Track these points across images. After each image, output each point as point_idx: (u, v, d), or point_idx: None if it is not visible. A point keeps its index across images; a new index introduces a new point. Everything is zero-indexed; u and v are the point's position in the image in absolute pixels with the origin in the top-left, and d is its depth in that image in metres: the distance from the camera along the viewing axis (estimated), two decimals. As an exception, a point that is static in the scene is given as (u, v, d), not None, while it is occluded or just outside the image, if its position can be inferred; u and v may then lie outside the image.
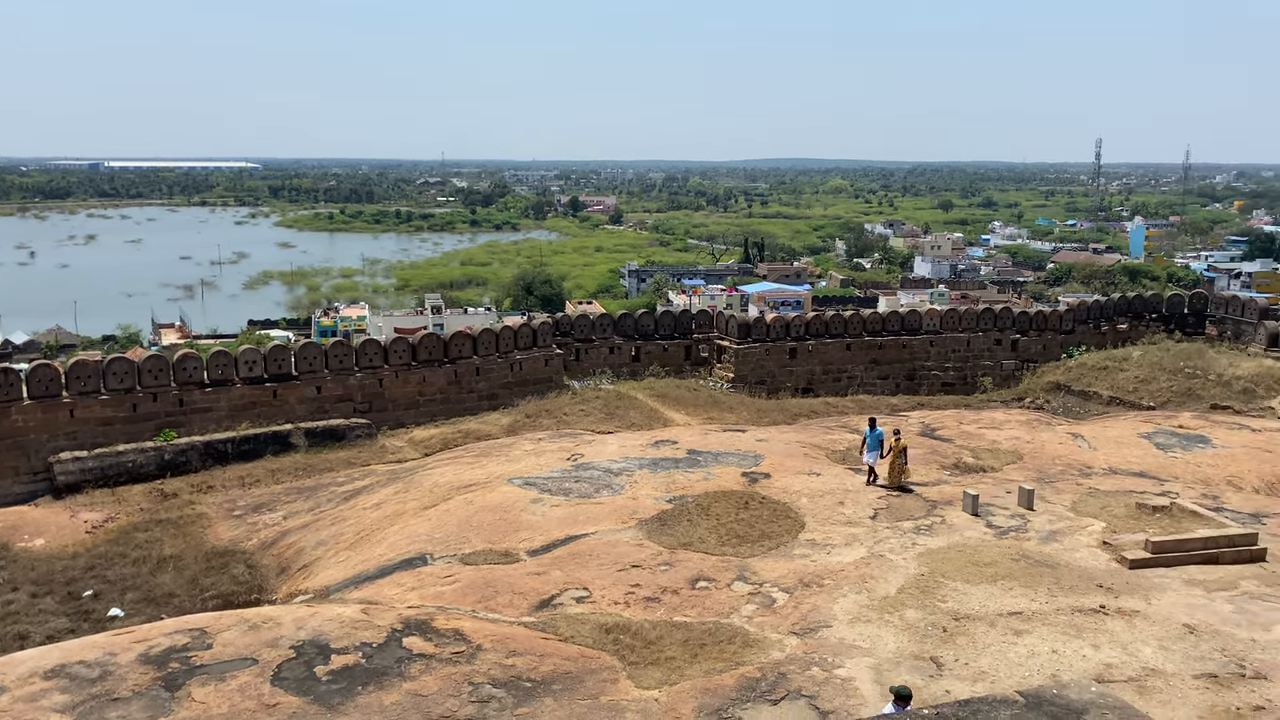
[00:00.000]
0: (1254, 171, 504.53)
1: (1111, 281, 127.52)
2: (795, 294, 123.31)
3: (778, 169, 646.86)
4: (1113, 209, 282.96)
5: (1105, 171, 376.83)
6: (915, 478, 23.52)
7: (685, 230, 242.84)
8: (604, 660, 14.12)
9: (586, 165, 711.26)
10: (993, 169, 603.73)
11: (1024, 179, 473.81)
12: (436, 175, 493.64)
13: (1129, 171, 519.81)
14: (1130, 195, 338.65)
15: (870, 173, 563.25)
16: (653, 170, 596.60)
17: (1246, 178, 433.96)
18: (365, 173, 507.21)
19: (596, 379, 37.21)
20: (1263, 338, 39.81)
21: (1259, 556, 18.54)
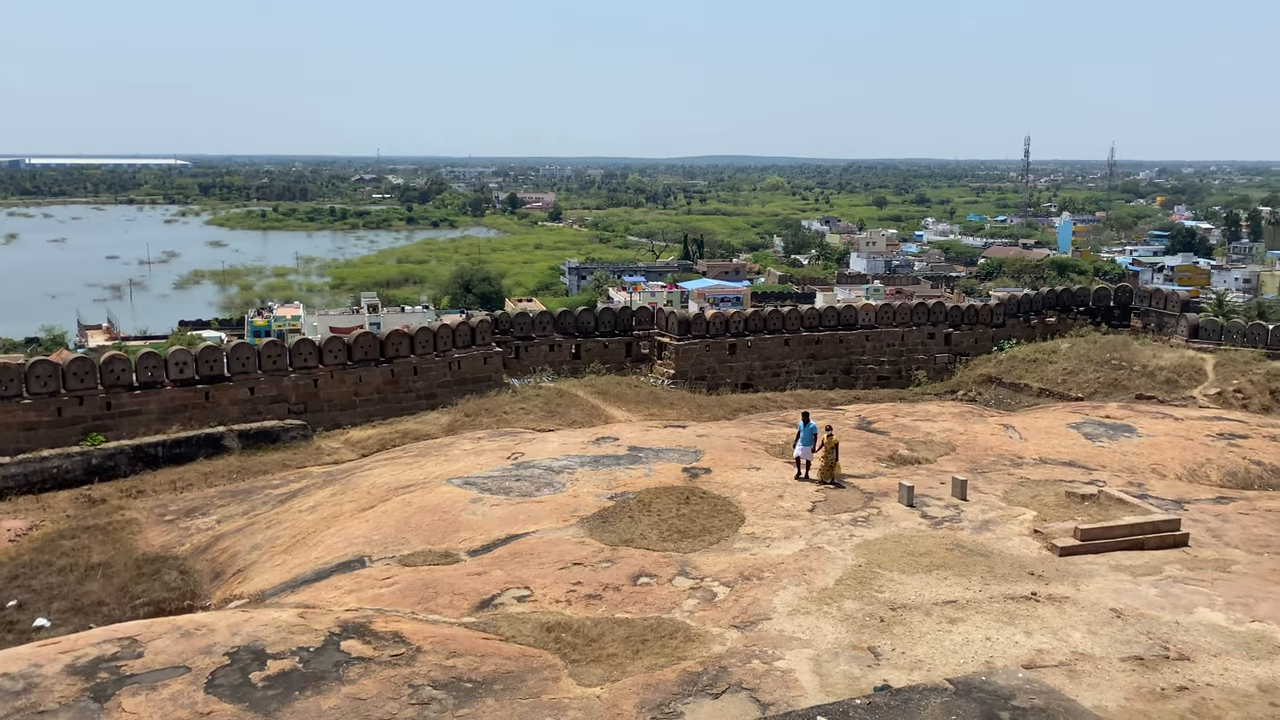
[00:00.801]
0: (1175, 168, 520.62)
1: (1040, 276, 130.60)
2: (735, 290, 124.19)
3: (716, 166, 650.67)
4: (1041, 205, 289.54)
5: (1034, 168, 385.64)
6: (852, 470, 23.85)
7: (625, 227, 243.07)
8: (546, 659, 14.09)
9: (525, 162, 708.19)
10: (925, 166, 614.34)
11: (956, 176, 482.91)
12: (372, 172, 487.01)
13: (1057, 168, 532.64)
14: (1058, 192, 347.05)
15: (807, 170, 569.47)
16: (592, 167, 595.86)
17: (1168, 174, 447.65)
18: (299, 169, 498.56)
19: (537, 377, 37.10)
20: (1184, 329, 41.11)
21: (1181, 541, 19.15)
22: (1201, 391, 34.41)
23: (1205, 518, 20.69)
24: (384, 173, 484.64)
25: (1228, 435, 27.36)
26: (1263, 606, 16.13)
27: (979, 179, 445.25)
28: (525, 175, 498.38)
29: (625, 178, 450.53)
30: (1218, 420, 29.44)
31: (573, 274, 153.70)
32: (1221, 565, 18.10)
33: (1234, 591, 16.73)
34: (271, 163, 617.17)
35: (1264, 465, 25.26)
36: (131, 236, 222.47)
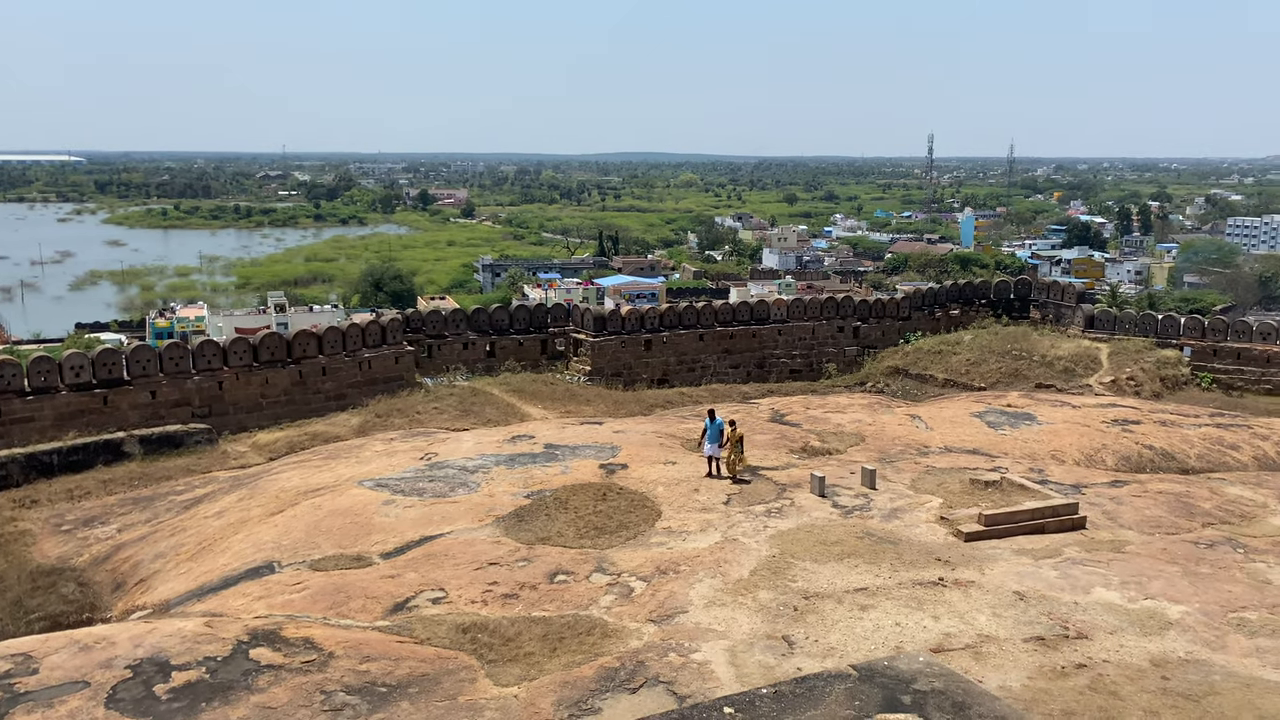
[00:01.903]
0: (1071, 164, 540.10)
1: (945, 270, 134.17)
2: (650, 286, 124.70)
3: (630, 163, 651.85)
4: (945, 201, 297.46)
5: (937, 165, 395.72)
6: (766, 462, 24.17)
7: (539, 224, 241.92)
8: (462, 660, 13.97)
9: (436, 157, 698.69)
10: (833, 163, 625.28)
11: (863, 173, 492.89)
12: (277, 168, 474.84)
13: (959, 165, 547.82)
14: (960, 188, 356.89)
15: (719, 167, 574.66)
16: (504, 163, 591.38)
17: (1064, 170, 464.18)
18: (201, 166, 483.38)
19: (451, 376, 36.69)
20: (1080, 320, 42.69)
21: (1080, 524, 19.91)
22: (1097, 380, 35.81)
23: (1101, 501, 21.54)
24: (290, 169, 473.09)
25: (1122, 421, 28.51)
26: (1155, 585, 16.87)
27: (885, 176, 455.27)
28: (437, 171, 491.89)
29: (539, 174, 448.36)
30: (1112, 407, 30.66)
31: (487, 271, 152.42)
32: (1117, 546, 18.87)
33: (1128, 571, 17.47)
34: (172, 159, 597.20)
35: (1155, 449, 26.41)
36: (22, 236, 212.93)
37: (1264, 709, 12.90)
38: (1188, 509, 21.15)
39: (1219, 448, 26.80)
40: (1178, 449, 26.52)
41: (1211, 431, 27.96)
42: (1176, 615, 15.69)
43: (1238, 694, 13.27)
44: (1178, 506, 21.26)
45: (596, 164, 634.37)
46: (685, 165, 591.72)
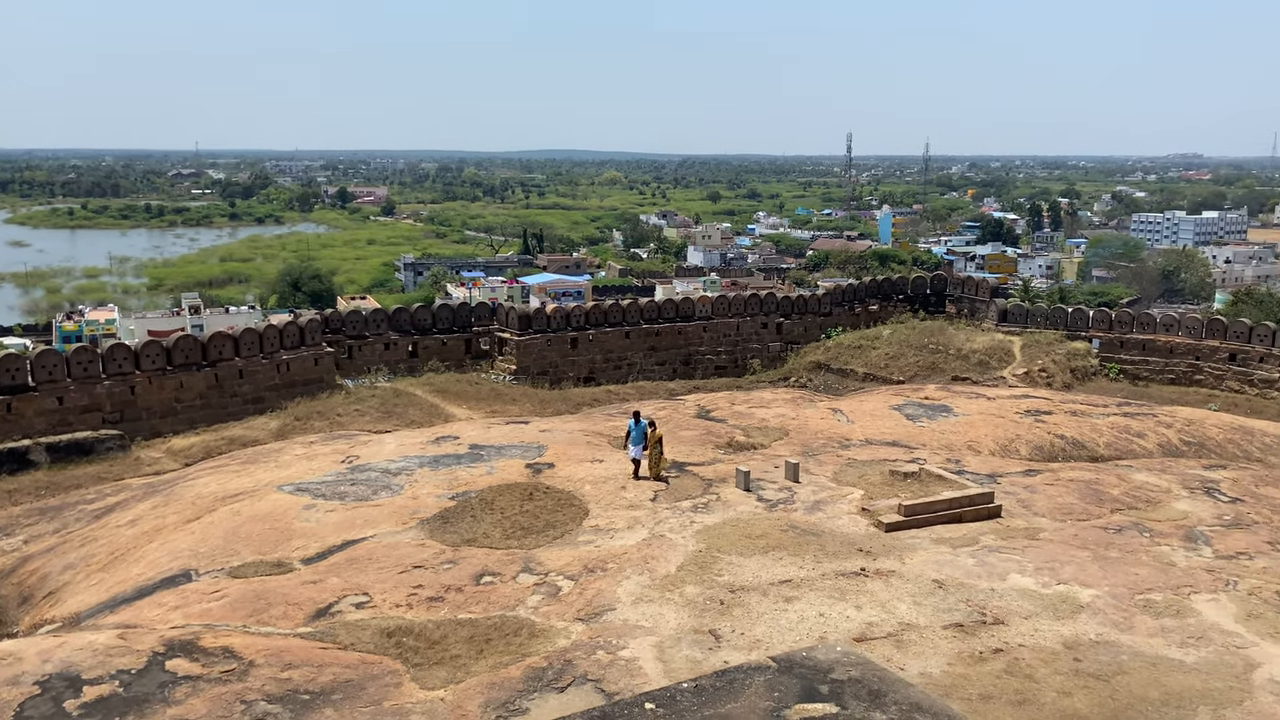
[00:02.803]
0: (984, 162, 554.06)
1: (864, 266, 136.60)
2: (576, 284, 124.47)
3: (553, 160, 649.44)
4: (863, 199, 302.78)
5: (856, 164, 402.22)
6: (692, 458, 24.34)
7: (462, 222, 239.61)
8: (387, 665, 13.79)
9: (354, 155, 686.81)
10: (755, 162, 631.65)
11: (784, 171, 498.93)
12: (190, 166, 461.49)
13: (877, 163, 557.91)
14: (879, 186, 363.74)
15: (643, 165, 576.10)
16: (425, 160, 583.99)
17: (978, 168, 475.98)
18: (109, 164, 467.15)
19: (372, 377, 36.13)
20: (994, 314, 43.85)
21: (995, 513, 20.48)
22: (1010, 372, 36.85)
23: (1016, 490, 22.18)
24: (204, 167, 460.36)
25: (1034, 412, 29.39)
26: (1066, 570, 17.45)
27: (806, 174, 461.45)
28: (355, 169, 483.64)
29: (461, 171, 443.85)
30: (1025, 398, 31.58)
31: (408, 270, 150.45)
32: (1031, 533, 19.46)
33: (1042, 557, 18.03)
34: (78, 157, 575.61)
35: (1066, 439, 27.28)
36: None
37: (1169, 686, 13.45)
38: (1097, 496, 21.90)
39: (1126, 436, 27.79)
40: (1088, 438, 27.42)
41: (1119, 420, 28.98)
42: (1087, 599, 16.25)
43: (1144, 673, 13.81)
44: (1088, 494, 22.00)
45: (520, 161, 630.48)
46: (609, 163, 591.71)
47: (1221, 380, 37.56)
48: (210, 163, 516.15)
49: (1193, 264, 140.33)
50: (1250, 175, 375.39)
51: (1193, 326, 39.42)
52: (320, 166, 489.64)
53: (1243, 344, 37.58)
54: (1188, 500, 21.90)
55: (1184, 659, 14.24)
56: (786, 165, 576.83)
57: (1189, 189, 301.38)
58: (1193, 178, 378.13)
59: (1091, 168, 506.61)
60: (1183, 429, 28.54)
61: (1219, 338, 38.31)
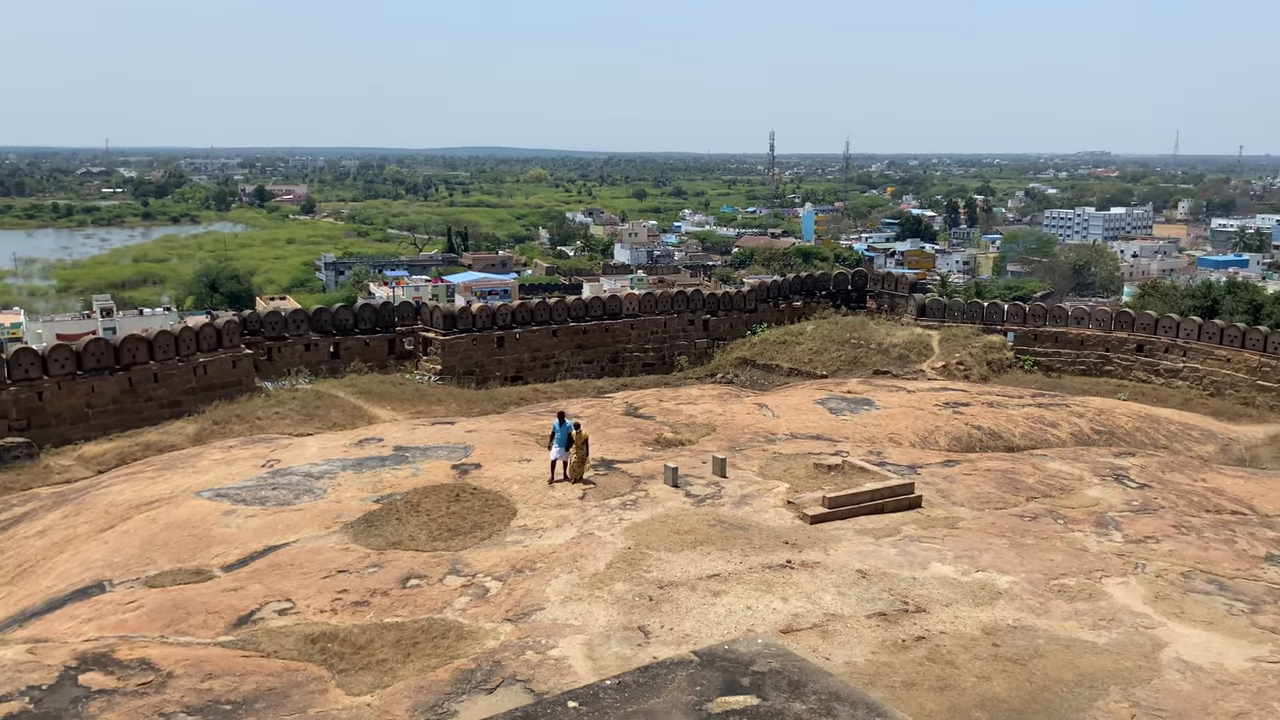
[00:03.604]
0: (902, 160, 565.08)
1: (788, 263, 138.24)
2: (502, 283, 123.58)
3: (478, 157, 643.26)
4: (786, 197, 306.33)
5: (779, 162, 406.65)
6: (621, 455, 24.39)
7: (384, 220, 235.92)
8: (311, 671, 13.56)
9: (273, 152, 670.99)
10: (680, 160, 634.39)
11: (709, 169, 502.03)
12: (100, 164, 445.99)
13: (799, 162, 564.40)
14: (801, 184, 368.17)
15: (569, 162, 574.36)
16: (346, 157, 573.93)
17: (896, 166, 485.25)
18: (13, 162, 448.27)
19: (293, 379, 35.42)
20: (913, 309, 44.78)
21: (916, 503, 20.94)
22: (929, 365, 37.68)
23: (936, 480, 22.71)
24: (115, 165, 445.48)
25: (952, 404, 30.11)
26: (985, 557, 17.93)
27: (730, 172, 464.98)
28: (273, 166, 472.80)
29: (382, 169, 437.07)
30: (944, 391, 32.34)
31: (329, 269, 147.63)
32: (950, 523, 19.94)
33: (961, 546, 18.50)
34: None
35: (983, 429, 28.02)
36: None
37: (1082, 667, 13.92)
38: (1013, 485, 22.54)
39: (1040, 426, 28.65)
40: (1004, 428, 28.20)
41: (1034, 411, 29.85)
42: (1005, 585, 16.72)
43: (1059, 655, 14.27)
44: (1004, 483, 22.64)
45: (443, 158, 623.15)
46: (535, 160, 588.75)
47: (1130, 370, 38.93)
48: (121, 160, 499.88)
49: (1102, 258, 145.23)
50: (1155, 173, 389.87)
51: (1102, 319, 40.78)
52: (237, 164, 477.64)
53: (1149, 335, 39.00)
54: (1099, 487, 22.67)
55: (1096, 641, 14.74)
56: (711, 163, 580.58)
57: (1098, 186, 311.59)
58: (1101, 175, 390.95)
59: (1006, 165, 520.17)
60: (1094, 418, 29.51)
61: (1127, 329, 39.70)
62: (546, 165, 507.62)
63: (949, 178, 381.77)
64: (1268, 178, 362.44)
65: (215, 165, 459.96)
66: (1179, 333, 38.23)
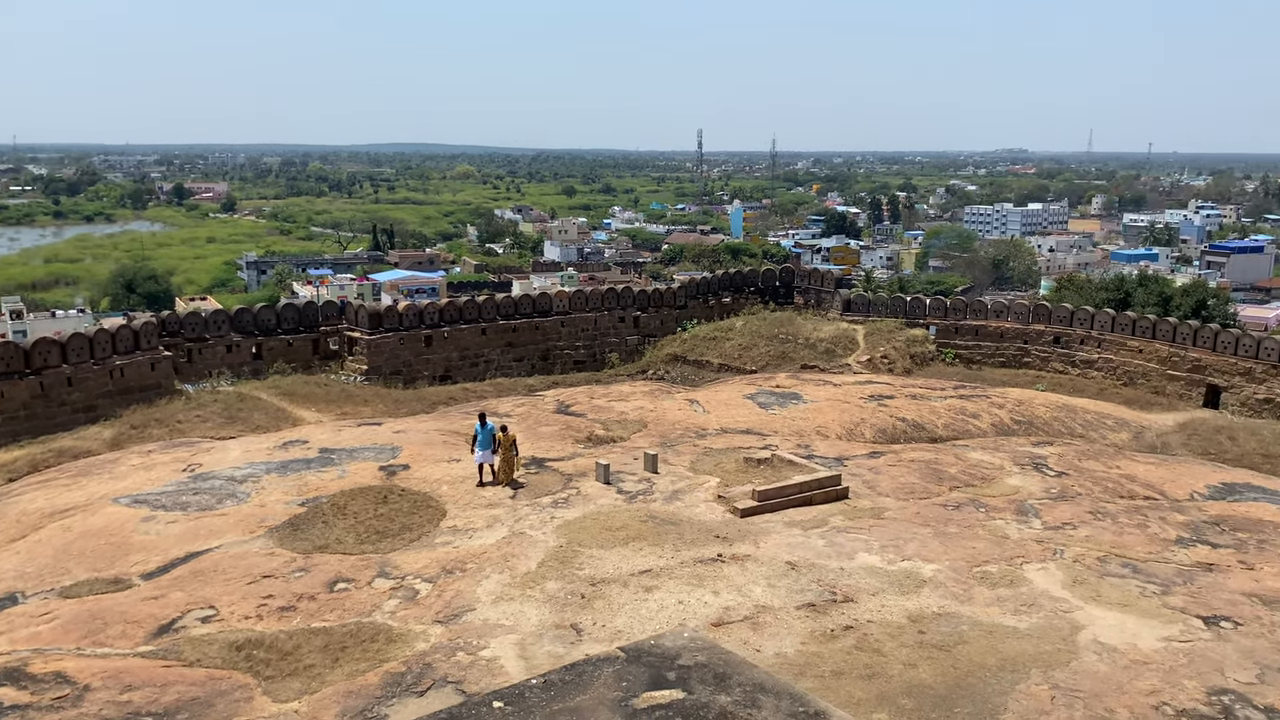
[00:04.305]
0: (827, 158, 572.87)
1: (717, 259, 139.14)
2: (429, 281, 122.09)
3: (403, 154, 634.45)
4: (715, 194, 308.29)
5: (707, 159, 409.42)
6: (552, 454, 24.33)
7: (308, 218, 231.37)
8: (236, 679, 13.27)
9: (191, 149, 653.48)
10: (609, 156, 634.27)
11: (638, 166, 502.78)
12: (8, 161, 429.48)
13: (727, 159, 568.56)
14: (729, 181, 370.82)
15: (496, 159, 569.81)
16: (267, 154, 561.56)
17: (822, 163, 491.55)
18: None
19: (214, 381, 34.58)
20: (839, 304, 45.47)
21: (843, 495, 21.28)
22: (855, 359, 38.30)
23: (862, 471, 23.10)
24: (23, 162, 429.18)
25: (878, 397, 30.65)
26: (910, 546, 18.30)
27: (659, 169, 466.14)
28: (192, 164, 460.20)
29: (305, 166, 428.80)
30: (869, 384, 32.90)
31: (252, 269, 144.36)
32: (876, 513, 20.31)
33: (887, 535, 18.86)
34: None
35: (907, 421, 28.57)
36: None
37: (1004, 652, 14.30)
38: (937, 475, 23.04)
39: (962, 417, 29.32)
40: (927, 420, 28.79)
41: (955, 403, 30.54)
42: (930, 573, 17.09)
43: (983, 641, 14.64)
44: (928, 473, 23.12)
45: (367, 155, 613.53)
46: (461, 156, 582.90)
47: (1047, 362, 40.06)
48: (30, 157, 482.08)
49: (1020, 253, 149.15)
50: (1069, 169, 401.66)
51: (1020, 312, 41.89)
52: (154, 161, 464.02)
53: (1065, 327, 40.17)
54: (1019, 476, 23.29)
55: (1018, 626, 15.16)
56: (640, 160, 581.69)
57: (1015, 182, 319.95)
58: (1019, 172, 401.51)
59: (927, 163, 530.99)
60: (1013, 409, 30.30)
61: (1044, 322, 40.85)
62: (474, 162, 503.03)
63: (872, 175, 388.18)
64: (1175, 174, 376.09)
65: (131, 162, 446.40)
66: (1093, 325, 39.45)
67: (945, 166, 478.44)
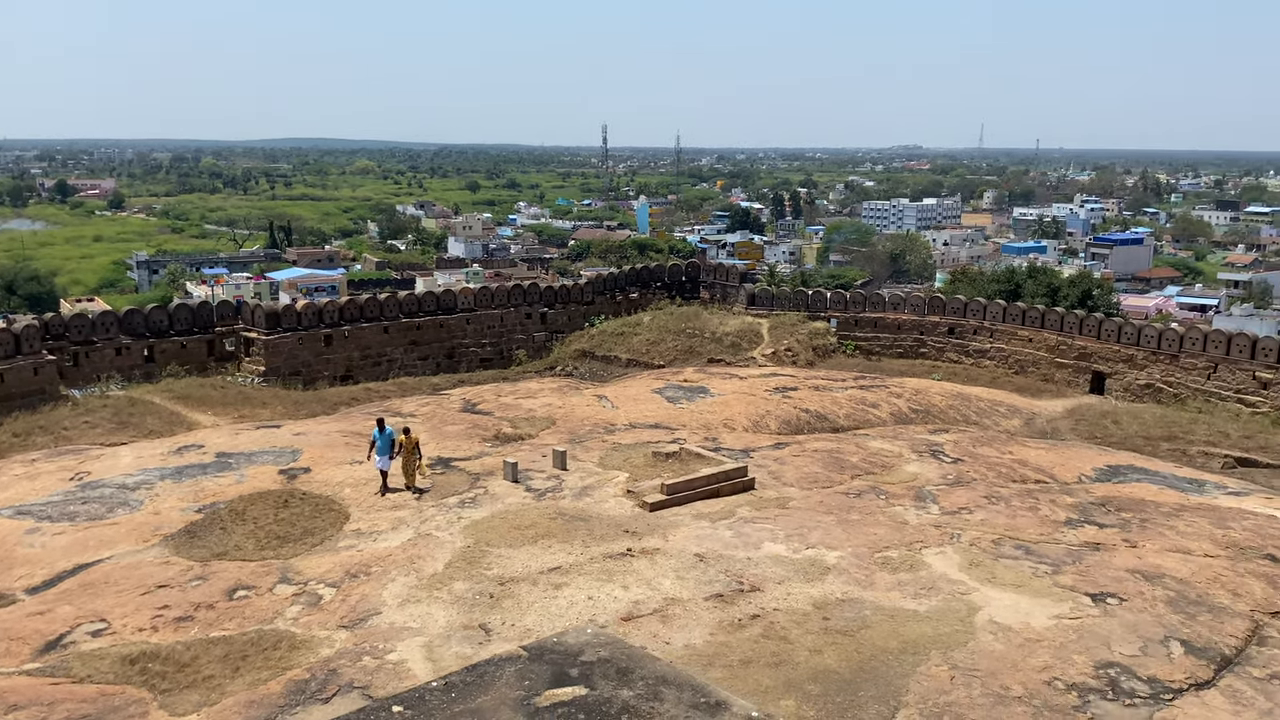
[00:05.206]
0: (730, 155, 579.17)
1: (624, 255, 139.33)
2: (329, 279, 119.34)
3: (300, 149, 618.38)
4: (621, 189, 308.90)
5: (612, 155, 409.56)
6: (459, 453, 24.08)
7: (201, 215, 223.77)
8: (130, 694, 12.80)
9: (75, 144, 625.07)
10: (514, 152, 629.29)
11: (543, 161, 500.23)
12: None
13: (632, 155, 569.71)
14: (635, 176, 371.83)
15: (397, 154, 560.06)
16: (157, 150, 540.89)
17: (725, 160, 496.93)
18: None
19: (104, 385, 33.20)
20: (744, 299, 46.06)
21: (749, 486, 21.60)
22: (760, 352, 38.85)
23: (767, 462, 23.47)
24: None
25: (782, 389, 31.15)
26: (814, 534, 18.67)
27: (564, 165, 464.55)
28: (77, 159, 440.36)
29: (198, 161, 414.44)
30: (774, 376, 33.42)
31: (142, 268, 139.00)
32: (782, 503, 20.66)
33: (792, 524, 19.20)
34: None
35: (810, 412, 29.12)
36: None
37: (906, 635, 14.71)
38: (839, 464, 23.55)
39: (862, 407, 30.01)
40: (829, 410, 29.39)
41: (856, 393, 31.24)
42: (834, 560, 17.47)
43: (885, 625, 15.03)
44: (831, 462, 23.62)
45: (263, 150, 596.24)
46: (361, 152, 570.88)
47: (943, 352, 41.29)
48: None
49: (916, 247, 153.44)
50: (962, 165, 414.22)
51: (917, 304, 43.06)
52: (34, 157, 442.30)
53: (959, 318, 41.45)
54: (917, 463, 23.97)
55: (918, 609, 15.61)
56: (545, 155, 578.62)
57: (911, 178, 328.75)
58: (914, 168, 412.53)
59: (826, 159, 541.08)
60: (911, 398, 31.15)
61: (939, 314, 42.07)
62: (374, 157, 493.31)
63: (774, 171, 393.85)
64: (1061, 170, 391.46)
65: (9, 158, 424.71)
66: (986, 315, 40.80)
67: (844, 163, 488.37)
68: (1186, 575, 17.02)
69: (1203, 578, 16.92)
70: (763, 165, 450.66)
